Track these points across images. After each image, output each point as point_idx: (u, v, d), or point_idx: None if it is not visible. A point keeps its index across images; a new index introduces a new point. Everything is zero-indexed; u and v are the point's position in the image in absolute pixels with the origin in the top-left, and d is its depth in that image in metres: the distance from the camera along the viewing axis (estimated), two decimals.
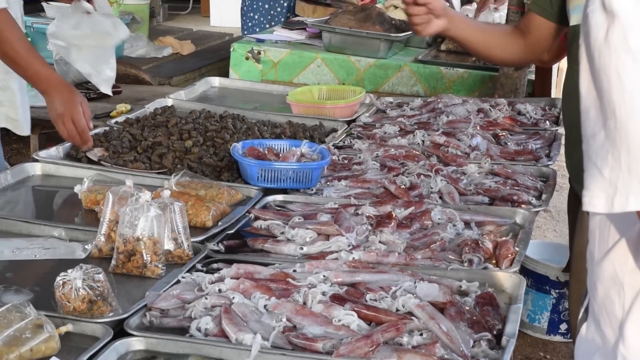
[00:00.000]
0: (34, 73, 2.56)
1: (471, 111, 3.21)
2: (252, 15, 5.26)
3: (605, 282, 1.17)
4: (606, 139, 1.02)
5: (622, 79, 0.99)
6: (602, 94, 1.02)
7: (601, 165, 1.03)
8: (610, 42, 1.00)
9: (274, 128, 2.99)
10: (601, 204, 1.03)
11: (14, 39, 2.54)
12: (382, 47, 3.95)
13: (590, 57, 1.03)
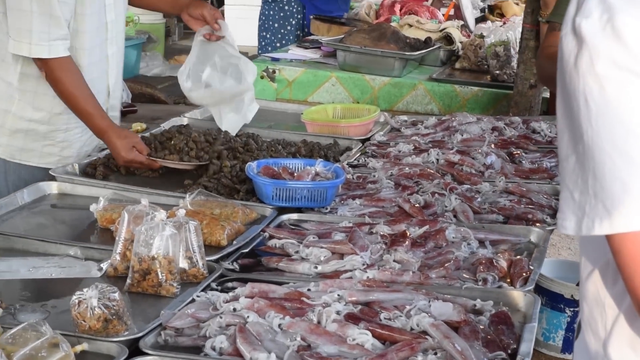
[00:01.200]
0: (92, 125, 2.79)
1: (485, 129, 3.22)
2: (265, 34, 5.30)
3: (589, 302, 1.19)
4: (576, 163, 1.04)
5: (589, 104, 1.01)
6: (573, 118, 1.04)
7: (572, 188, 1.05)
8: (578, 67, 1.01)
9: (289, 147, 3.00)
10: (571, 227, 1.06)
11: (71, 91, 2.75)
12: (396, 65, 3.96)
13: (562, 81, 1.05)
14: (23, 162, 2.91)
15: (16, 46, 2.72)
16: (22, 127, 2.88)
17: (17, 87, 2.84)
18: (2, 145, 2.91)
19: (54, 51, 2.72)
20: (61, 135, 2.92)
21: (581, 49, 1.01)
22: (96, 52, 2.89)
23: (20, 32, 2.70)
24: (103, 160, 2.78)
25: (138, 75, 4.96)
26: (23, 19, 2.68)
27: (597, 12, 1.00)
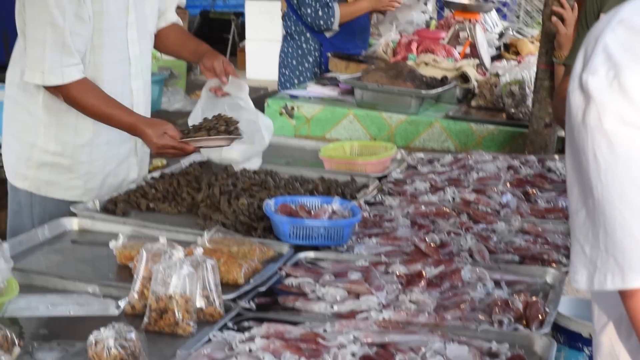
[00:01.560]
0: (120, 124, 2.86)
1: (501, 168, 3.23)
2: (284, 71, 5.35)
3: (604, 356, 1.19)
4: (587, 217, 1.05)
5: (598, 159, 1.02)
6: (582, 173, 1.05)
7: (583, 242, 1.06)
8: (586, 122, 1.03)
9: (307, 184, 3.03)
10: (583, 281, 1.06)
11: (92, 102, 2.82)
12: (413, 103, 3.99)
13: (571, 136, 1.06)
14: (49, 195, 2.96)
15: (30, 75, 2.80)
16: (47, 160, 2.94)
17: (42, 120, 2.91)
18: (29, 179, 2.96)
19: (67, 76, 2.78)
20: (85, 167, 2.97)
21: (589, 105, 1.02)
22: (117, 85, 2.94)
23: (35, 61, 2.77)
24: (123, 196, 2.81)
25: (160, 110, 5.03)
26: (37, 48, 2.76)
27: (604, 69, 1.02)
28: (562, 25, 3.47)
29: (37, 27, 2.76)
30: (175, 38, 3.28)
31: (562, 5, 3.49)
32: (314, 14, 5.10)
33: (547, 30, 3.57)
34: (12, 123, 3.01)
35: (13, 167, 3.01)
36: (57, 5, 2.73)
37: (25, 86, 2.90)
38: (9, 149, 3.04)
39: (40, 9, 2.75)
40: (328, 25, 5.14)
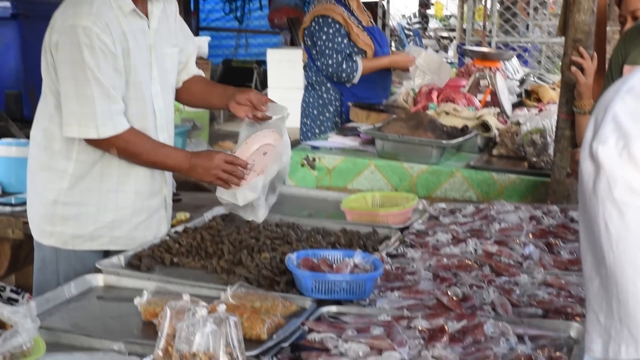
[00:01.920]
0: (167, 165, 3.01)
1: (523, 218, 3.23)
2: (305, 120, 5.40)
3: None
4: (600, 286, 1.06)
5: (609, 229, 1.03)
6: (594, 242, 1.06)
7: (598, 311, 1.06)
8: (597, 191, 1.04)
9: (329, 236, 3.05)
10: (598, 350, 1.06)
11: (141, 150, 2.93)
12: (434, 153, 4.01)
13: (583, 204, 1.07)
14: (76, 248, 2.99)
15: (82, 131, 2.84)
16: (72, 213, 2.97)
17: (71, 174, 2.94)
18: (55, 235, 3.00)
19: (120, 126, 2.86)
20: (110, 215, 3.00)
21: (599, 175, 1.04)
22: None
23: (85, 117, 2.82)
24: (148, 251, 2.84)
25: None
26: (87, 104, 2.81)
27: (613, 138, 1.03)
28: (582, 75, 3.49)
29: (78, 84, 2.81)
30: (201, 88, 3.35)
31: (581, 55, 3.51)
32: (337, 65, 5.15)
33: (566, 80, 3.59)
34: (34, 181, 3.06)
35: (38, 224, 3.05)
36: (95, 63, 2.80)
37: (47, 144, 2.95)
38: (33, 207, 3.09)
39: (79, 67, 2.81)
40: (349, 79, 5.19)
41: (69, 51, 2.82)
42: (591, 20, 3.50)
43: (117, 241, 3.01)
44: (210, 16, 15.80)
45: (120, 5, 2.92)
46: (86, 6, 2.84)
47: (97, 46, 2.80)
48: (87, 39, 2.79)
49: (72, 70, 2.82)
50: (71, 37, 2.80)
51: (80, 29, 2.79)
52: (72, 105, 2.83)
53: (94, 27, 2.80)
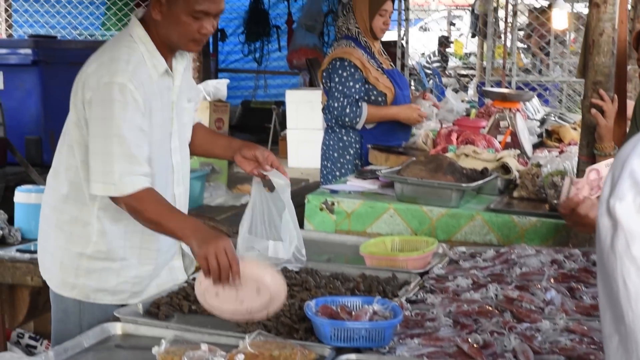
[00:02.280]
0: (170, 231, 2.79)
1: (545, 262, 3.20)
2: (326, 163, 5.41)
3: None
4: (620, 343, 1.04)
5: (628, 286, 1.02)
6: (613, 298, 1.04)
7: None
8: (615, 248, 1.03)
9: (348, 282, 3.03)
10: None
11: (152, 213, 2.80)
12: (453, 196, 3.99)
13: (601, 260, 1.06)
14: (97, 302, 2.99)
15: (106, 188, 2.82)
16: (97, 267, 2.97)
17: (96, 228, 2.94)
18: (78, 287, 2.99)
19: (138, 184, 2.82)
20: (133, 271, 3.00)
21: (617, 231, 1.03)
22: (162, 192, 2.98)
23: (106, 174, 2.80)
24: (166, 299, 2.84)
25: (202, 205, 5.10)
26: (108, 161, 2.79)
27: (631, 195, 1.03)
28: (602, 118, 3.48)
29: (104, 141, 2.80)
30: (203, 136, 3.33)
31: (601, 98, 3.50)
32: (341, 109, 5.17)
33: (587, 123, 3.58)
34: (55, 233, 3.04)
35: (58, 276, 3.04)
36: (122, 118, 2.79)
37: (75, 197, 2.95)
38: (52, 258, 3.06)
39: (108, 124, 2.79)
40: (352, 123, 5.21)
41: (101, 108, 2.81)
42: (611, 62, 3.49)
43: (136, 296, 3.01)
44: (229, 58, 15.92)
45: (155, 64, 2.93)
46: (123, 64, 2.83)
47: (129, 103, 2.80)
48: (121, 95, 2.79)
49: (102, 127, 2.80)
50: (105, 95, 2.79)
51: (115, 85, 2.79)
52: (97, 162, 2.82)
53: (129, 84, 2.80)
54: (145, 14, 2.99)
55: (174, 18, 2.88)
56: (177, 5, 2.86)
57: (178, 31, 2.91)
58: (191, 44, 2.96)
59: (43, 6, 12.21)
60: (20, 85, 7.10)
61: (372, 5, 5.29)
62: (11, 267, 3.86)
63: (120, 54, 2.88)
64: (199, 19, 2.89)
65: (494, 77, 11.98)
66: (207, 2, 2.87)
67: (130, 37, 2.94)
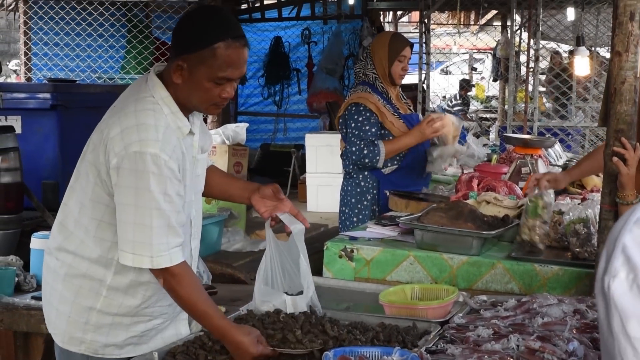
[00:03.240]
0: (210, 325, 2.82)
1: (567, 312, 3.15)
2: (344, 209, 5.38)
3: None
4: None
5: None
6: None
7: None
8: (611, 327, 1.01)
9: (367, 332, 2.99)
10: None
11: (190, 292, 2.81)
12: (474, 244, 3.95)
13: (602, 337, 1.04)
14: (105, 357, 2.95)
15: (136, 260, 2.77)
16: (107, 322, 2.92)
17: (108, 285, 2.90)
18: (86, 342, 2.94)
19: (175, 259, 2.78)
20: (142, 326, 2.96)
21: (611, 310, 1.01)
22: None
23: (142, 246, 2.75)
24: (182, 347, 2.80)
25: (220, 251, 5.08)
26: (144, 233, 2.74)
27: (624, 272, 1.01)
28: (624, 166, 3.44)
29: (137, 212, 2.73)
30: (220, 178, 3.31)
31: (623, 146, 3.46)
32: (359, 152, 5.16)
33: (609, 171, 3.53)
34: (61, 286, 2.98)
35: (65, 331, 2.98)
36: (161, 191, 2.73)
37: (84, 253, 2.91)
38: (56, 312, 3.00)
39: (142, 195, 2.73)
40: (373, 164, 5.19)
41: (133, 178, 2.72)
42: (633, 110, 3.46)
43: (140, 348, 2.96)
44: (249, 101, 15.99)
45: (179, 126, 2.88)
46: (152, 132, 2.75)
47: (165, 174, 2.74)
48: (155, 167, 2.72)
49: (135, 197, 2.73)
50: (137, 165, 2.71)
51: (148, 156, 2.71)
52: (129, 232, 2.75)
53: (162, 155, 2.73)
54: (164, 73, 2.93)
55: (196, 83, 2.83)
56: (200, 72, 2.81)
57: (199, 96, 2.86)
58: (212, 107, 2.93)
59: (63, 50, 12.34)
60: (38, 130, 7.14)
61: (391, 51, 5.29)
62: (26, 314, 3.84)
63: (147, 119, 2.78)
64: (221, 84, 2.85)
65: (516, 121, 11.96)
66: (230, 69, 2.83)
67: (153, 99, 2.86)
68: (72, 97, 7.40)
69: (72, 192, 2.96)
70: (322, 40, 14.93)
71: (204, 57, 2.80)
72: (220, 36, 2.81)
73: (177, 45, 2.87)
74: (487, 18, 20.28)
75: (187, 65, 2.82)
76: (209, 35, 2.81)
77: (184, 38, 2.86)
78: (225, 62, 2.81)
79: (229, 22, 2.88)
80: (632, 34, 3.42)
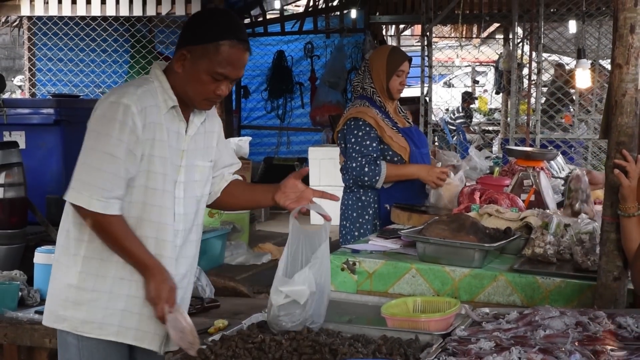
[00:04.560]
0: (134, 261, 2.96)
1: (569, 324, 3.15)
2: (345, 223, 5.37)
3: None
4: None
5: None
6: None
7: None
8: None
9: (369, 344, 2.99)
10: None
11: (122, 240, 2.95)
12: (476, 256, 3.96)
13: None
14: (85, 334, 2.99)
15: (74, 196, 2.91)
16: (85, 298, 2.99)
17: (83, 256, 2.99)
18: (67, 320, 3.03)
19: (110, 209, 2.90)
20: (122, 303, 3.00)
21: None
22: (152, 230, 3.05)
23: (84, 185, 2.89)
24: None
25: (223, 264, 5.09)
26: (91, 174, 2.88)
27: None
28: (625, 178, 3.44)
29: (95, 155, 2.89)
30: (243, 188, 3.42)
31: (625, 158, 3.46)
32: (360, 168, 5.16)
33: (611, 183, 3.54)
34: (53, 267, 3.11)
35: (51, 309, 3.09)
36: (119, 138, 2.89)
37: (65, 227, 3.04)
38: (49, 293, 3.14)
39: (102, 139, 2.89)
40: (372, 183, 5.19)
41: (99, 123, 2.92)
42: (634, 122, 3.47)
43: (126, 333, 2.99)
44: (252, 114, 16.02)
45: (165, 98, 3.04)
46: (132, 88, 2.98)
47: (128, 124, 2.90)
48: (123, 116, 2.90)
49: (96, 140, 2.92)
50: (108, 112, 2.92)
51: (121, 106, 2.91)
52: (81, 172, 2.91)
53: (133, 107, 2.91)
54: (167, 66, 3.11)
55: (194, 74, 3.00)
56: (201, 63, 2.98)
57: (195, 87, 3.02)
58: (204, 102, 3.08)
59: (67, 65, 12.38)
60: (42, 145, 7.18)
61: (390, 65, 5.30)
62: (29, 329, 3.85)
63: (132, 82, 3.05)
64: (218, 80, 3.01)
65: (518, 134, 11.96)
66: (230, 67, 2.99)
67: (147, 75, 3.11)
68: (76, 112, 7.44)
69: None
70: (324, 54, 14.96)
71: (208, 51, 2.97)
72: (227, 34, 2.98)
73: (185, 36, 3.06)
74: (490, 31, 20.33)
75: (191, 55, 2.99)
76: (217, 32, 2.98)
77: (193, 30, 3.04)
78: (227, 59, 2.97)
79: (238, 25, 3.06)
80: (633, 46, 3.44)
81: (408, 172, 5.22)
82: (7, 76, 19.43)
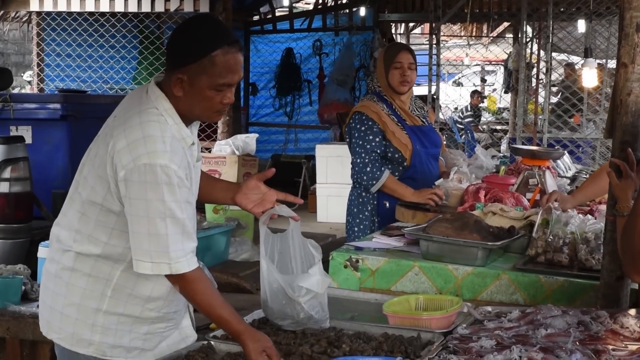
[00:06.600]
0: (227, 327, 2.88)
1: (571, 324, 3.14)
2: (349, 218, 5.39)
3: None
4: None
5: None
6: None
7: None
8: None
9: (371, 341, 3.00)
10: None
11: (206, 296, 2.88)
12: (479, 255, 3.95)
13: None
14: (113, 359, 2.96)
15: (155, 267, 2.82)
16: (113, 322, 2.94)
17: (114, 283, 2.93)
18: (94, 344, 2.96)
19: (192, 264, 2.84)
20: (145, 327, 2.98)
21: None
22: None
23: (159, 254, 2.80)
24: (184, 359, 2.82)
25: (227, 260, 5.09)
26: (160, 242, 2.79)
27: None
28: (615, 178, 3.42)
29: (151, 222, 2.78)
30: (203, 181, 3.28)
31: (627, 156, 3.44)
32: (362, 166, 5.17)
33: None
34: (66, 291, 3.00)
35: (73, 333, 2.99)
36: (173, 199, 2.78)
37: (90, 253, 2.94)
38: (61, 316, 3.02)
39: (154, 206, 2.77)
40: (367, 185, 5.19)
41: (143, 190, 2.76)
42: (639, 122, 3.45)
43: (145, 354, 2.98)
44: (260, 112, 16.04)
45: (183, 136, 2.93)
46: (160, 144, 2.79)
47: (175, 183, 2.79)
48: (166, 177, 2.76)
49: (146, 209, 2.77)
50: (146, 177, 2.76)
51: (158, 168, 2.76)
52: (144, 243, 2.80)
53: (172, 165, 2.78)
54: (163, 85, 2.96)
55: (198, 93, 2.88)
56: (200, 80, 2.86)
57: (202, 105, 2.91)
58: (215, 114, 2.99)
59: (75, 61, 12.41)
60: (49, 140, 7.20)
61: (386, 59, 5.30)
62: (32, 323, 3.85)
63: (153, 131, 2.82)
64: (222, 91, 2.90)
65: (526, 133, 11.93)
66: (230, 75, 2.88)
67: (157, 110, 2.89)
68: (82, 107, 7.45)
69: (71, 201, 3.02)
70: (333, 51, 14.97)
71: (204, 67, 2.85)
72: (216, 44, 2.86)
73: (174, 58, 2.92)
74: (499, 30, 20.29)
75: (187, 77, 2.87)
76: (205, 45, 2.86)
77: (180, 51, 2.91)
78: (225, 68, 2.87)
79: (222, 29, 2.93)
80: (638, 45, 3.42)
81: (402, 191, 5.18)
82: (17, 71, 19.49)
